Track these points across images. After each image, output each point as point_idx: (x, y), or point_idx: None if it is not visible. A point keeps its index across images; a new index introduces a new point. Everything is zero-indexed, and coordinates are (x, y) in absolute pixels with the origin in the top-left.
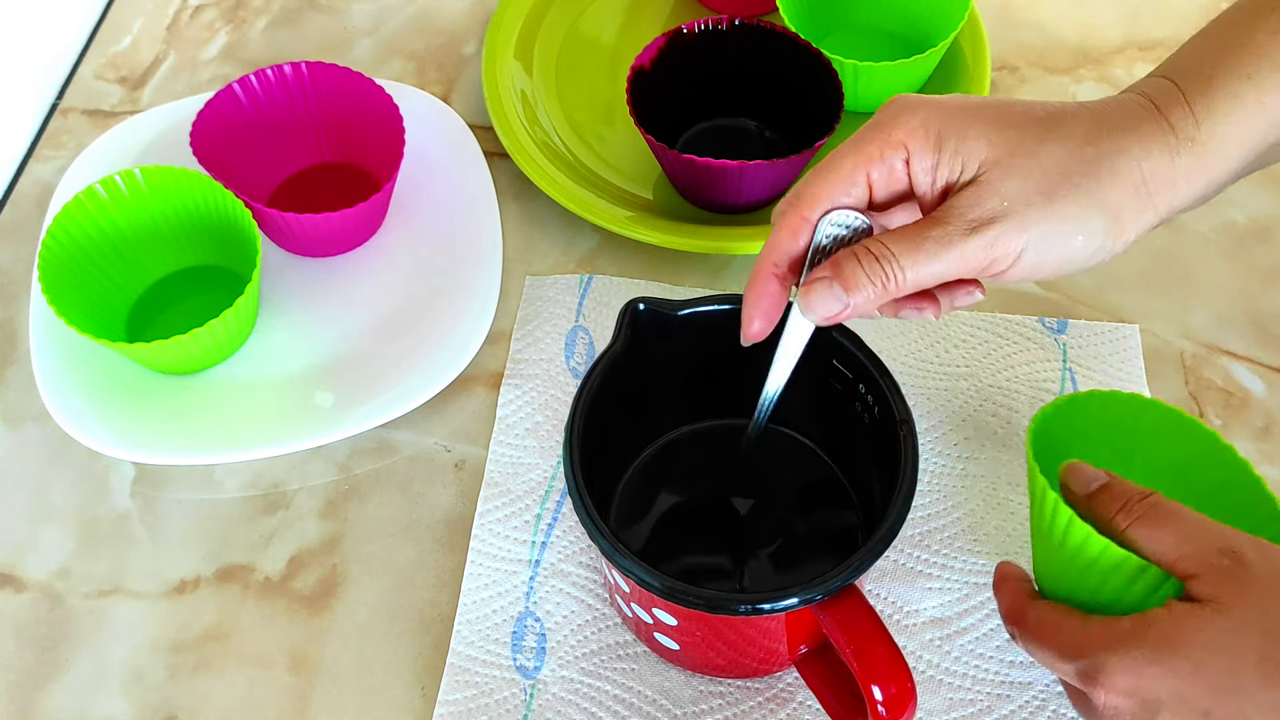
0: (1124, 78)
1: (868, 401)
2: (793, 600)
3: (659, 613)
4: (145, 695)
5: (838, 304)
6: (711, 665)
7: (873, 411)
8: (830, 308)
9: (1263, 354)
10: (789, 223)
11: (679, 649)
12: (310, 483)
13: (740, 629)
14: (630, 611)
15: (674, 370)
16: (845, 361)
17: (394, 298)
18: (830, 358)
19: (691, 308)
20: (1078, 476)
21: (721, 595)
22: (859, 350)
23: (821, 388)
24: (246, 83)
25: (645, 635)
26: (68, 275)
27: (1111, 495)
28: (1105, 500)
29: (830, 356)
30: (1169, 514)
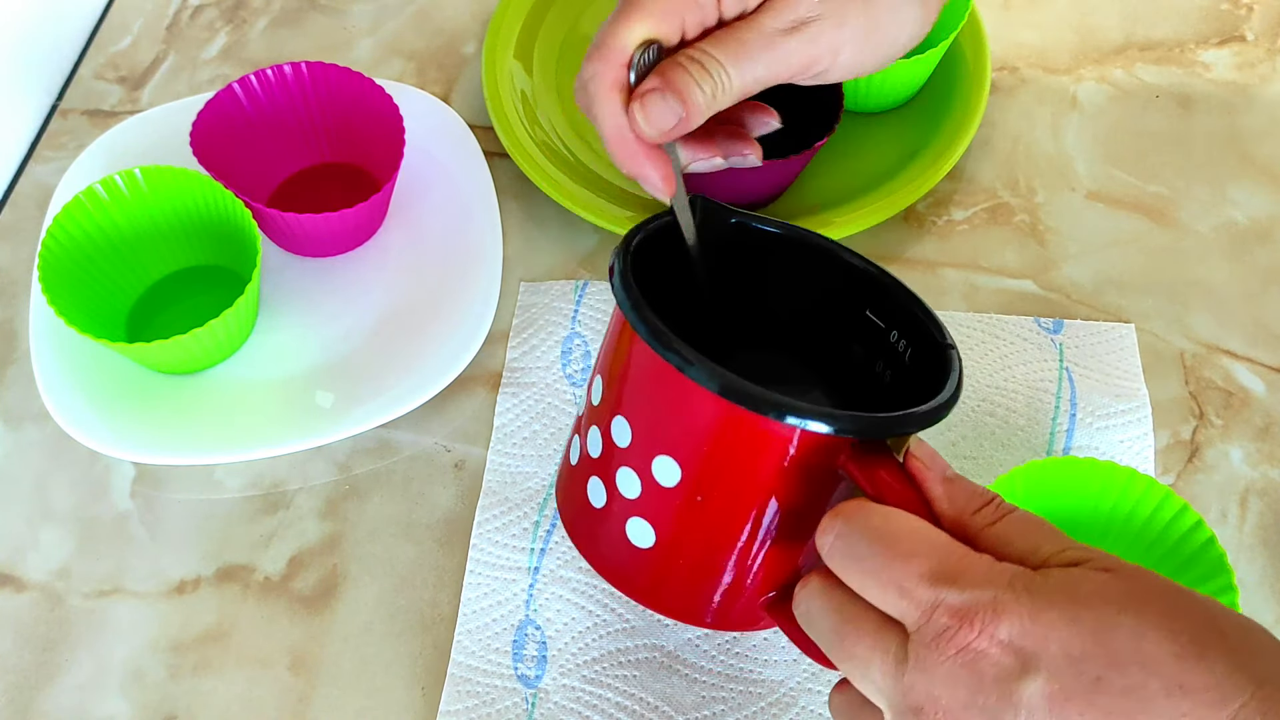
0: (1124, 78)
1: (898, 350)
2: (845, 423)
3: (661, 466)
4: (145, 695)
5: (673, 115)
6: (681, 575)
7: (903, 358)
8: (666, 120)
9: (1263, 354)
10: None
11: (652, 545)
12: (310, 483)
13: (747, 494)
14: (614, 485)
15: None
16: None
17: (394, 298)
18: (864, 307)
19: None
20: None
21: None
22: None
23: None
24: (246, 83)
25: (618, 524)
26: (68, 275)
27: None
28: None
29: (864, 306)
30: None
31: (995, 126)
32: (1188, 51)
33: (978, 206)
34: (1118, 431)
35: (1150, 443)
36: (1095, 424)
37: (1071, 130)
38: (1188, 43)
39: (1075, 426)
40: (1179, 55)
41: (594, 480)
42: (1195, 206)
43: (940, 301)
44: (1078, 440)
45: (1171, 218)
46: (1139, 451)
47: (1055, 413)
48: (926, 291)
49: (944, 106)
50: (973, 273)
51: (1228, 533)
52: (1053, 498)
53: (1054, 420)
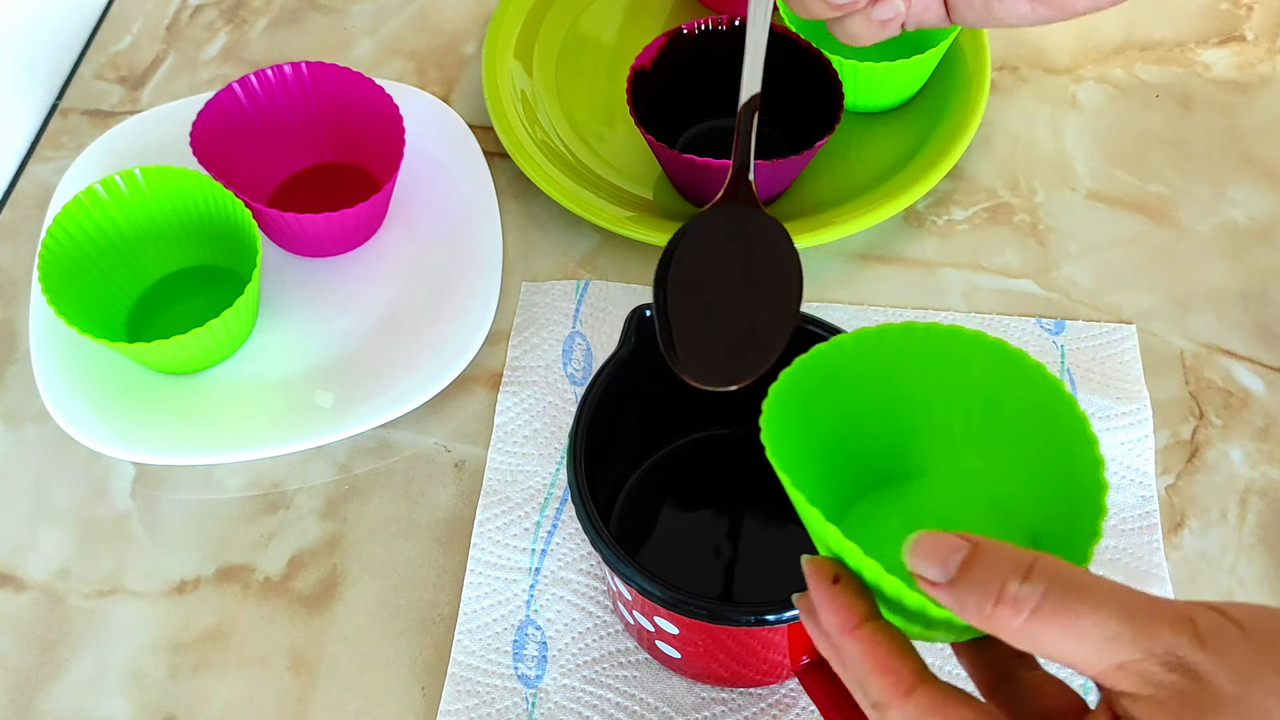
0: (1124, 78)
1: None
2: (795, 611)
3: (661, 621)
4: (145, 695)
5: None
6: (713, 674)
7: None
8: None
9: (1263, 354)
10: None
11: (680, 658)
12: (310, 483)
13: (742, 639)
14: (632, 619)
15: (679, 378)
16: None
17: (394, 298)
18: None
19: None
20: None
21: (724, 605)
22: None
23: None
24: (246, 83)
25: (647, 643)
26: (68, 275)
27: (983, 571)
28: (975, 581)
29: None
30: (1078, 594)
31: (995, 126)
32: (1188, 51)
33: (978, 206)
34: (1119, 433)
35: (1151, 444)
36: (1096, 425)
37: (1071, 130)
38: (1188, 43)
39: None
40: (1179, 55)
41: (621, 607)
42: (1195, 206)
43: (940, 301)
44: None
45: (1171, 218)
46: (1140, 453)
47: None
48: (926, 292)
49: (944, 106)
50: (973, 273)
51: (1228, 533)
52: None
53: None
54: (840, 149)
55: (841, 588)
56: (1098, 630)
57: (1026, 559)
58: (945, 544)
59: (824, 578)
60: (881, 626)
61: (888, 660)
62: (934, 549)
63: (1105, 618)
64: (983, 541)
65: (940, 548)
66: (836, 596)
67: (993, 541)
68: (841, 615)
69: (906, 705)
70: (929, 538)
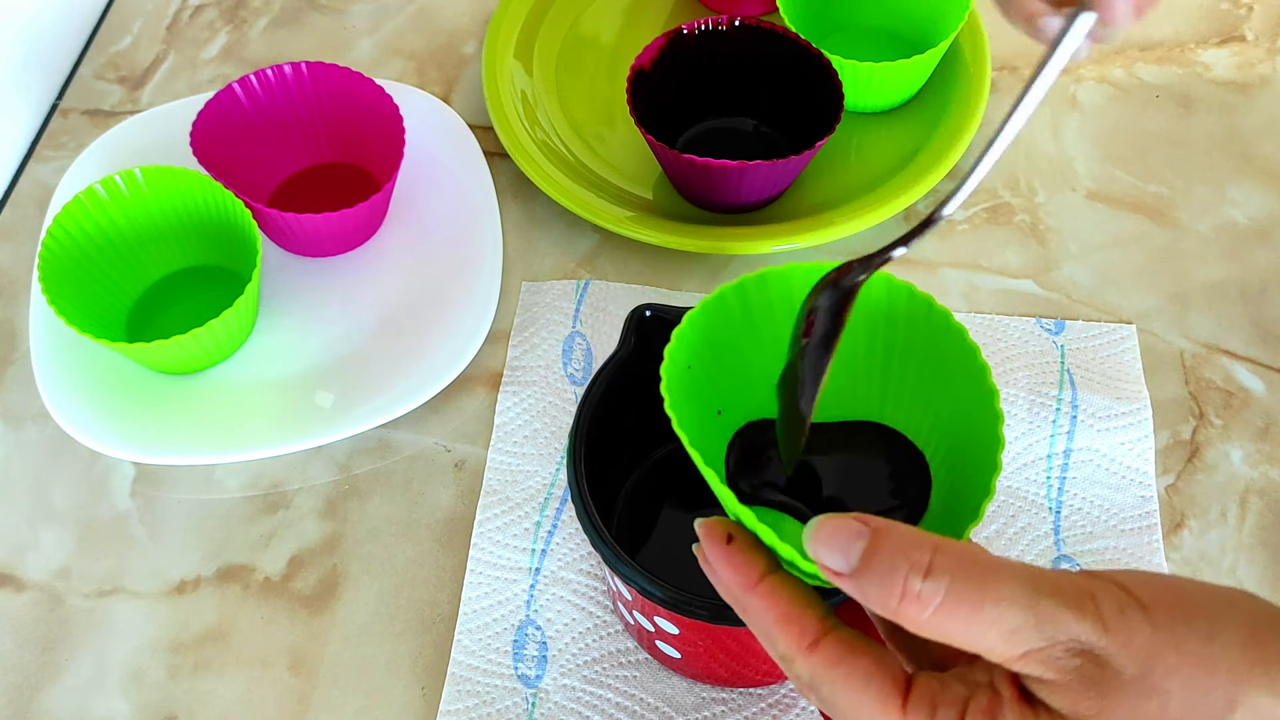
0: (1124, 78)
1: None
2: None
3: (661, 621)
4: (145, 695)
5: None
6: (713, 675)
7: None
8: None
9: (1263, 354)
10: None
11: (680, 658)
12: (310, 483)
13: (742, 639)
14: (632, 619)
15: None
16: None
17: (394, 298)
18: None
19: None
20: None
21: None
22: None
23: None
24: (246, 83)
25: (647, 643)
26: (68, 275)
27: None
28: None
29: None
30: (981, 586)
31: (995, 126)
32: (1188, 51)
33: (978, 206)
34: (1119, 434)
35: (1151, 444)
36: (1096, 425)
37: (1071, 130)
38: (1188, 43)
39: (1076, 428)
40: (1179, 55)
41: (621, 607)
42: (1195, 206)
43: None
44: (1078, 441)
45: (1171, 218)
46: (1140, 453)
47: (1056, 414)
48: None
49: (944, 106)
50: (973, 272)
51: (1228, 533)
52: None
53: (1055, 422)
54: (840, 149)
55: (737, 545)
56: (1002, 622)
57: (927, 547)
58: (844, 530)
59: (718, 537)
60: (781, 580)
61: (789, 612)
62: (833, 536)
63: (1008, 608)
64: (881, 527)
65: (839, 534)
66: (733, 555)
67: (891, 526)
68: (740, 573)
69: (812, 658)
70: (828, 524)
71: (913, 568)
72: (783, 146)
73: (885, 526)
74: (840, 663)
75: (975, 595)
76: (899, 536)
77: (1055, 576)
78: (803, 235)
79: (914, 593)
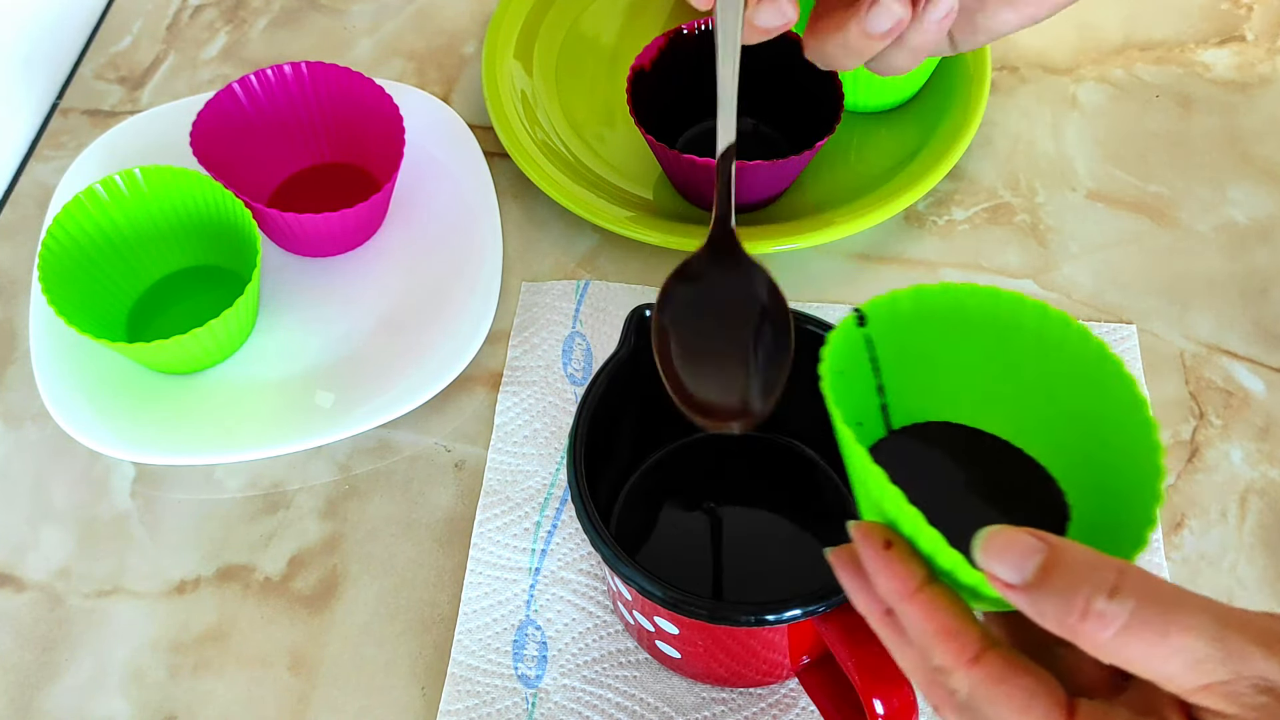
0: (1124, 78)
1: None
2: (795, 611)
3: (661, 621)
4: (145, 695)
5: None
6: (713, 675)
7: None
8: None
9: (1263, 354)
10: None
11: (680, 658)
12: (310, 483)
13: (742, 639)
14: (632, 619)
15: None
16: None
17: (394, 298)
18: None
19: None
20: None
21: (723, 605)
22: None
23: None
24: (246, 83)
25: (647, 643)
26: (68, 275)
27: (1065, 580)
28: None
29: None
30: (1166, 613)
31: (995, 126)
32: (1188, 51)
33: (978, 206)
34: None
35: None
36: None
37: (1072, 130)
38: (1188, 43)
39: None
40: (1179, 55)
41: (621, 607)
42: (1195, 206)
43: None
44: None
45: (1171, 218)
46: None
47: None
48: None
49: (944, 106)
50: (973, 273)
51: (1228, 533)
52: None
53: None
54: (840, 149)
55: (896, 553)
56: (1187, 651)
57: (1111, 569)
58: (1019, 544)
59: (876, 542)
60: (941, 591)
61: (950, 625)
62: (1007, 548)
63: (1195, 639)
64: (1059, 544)
65: (1014, 547)
66: (892, 561)
67: (1070, 545)
68: (899, 580)
69: (973, 671)
70: (1001, 536)
71: (1096, 587)
72: (783, 146)
73: (1063, 543)
74: (1004, 680)
75: (1161, 621)
76: (1081, 554)
77: (1240, 613)
78: (803, 235)
79: (1097, 611)
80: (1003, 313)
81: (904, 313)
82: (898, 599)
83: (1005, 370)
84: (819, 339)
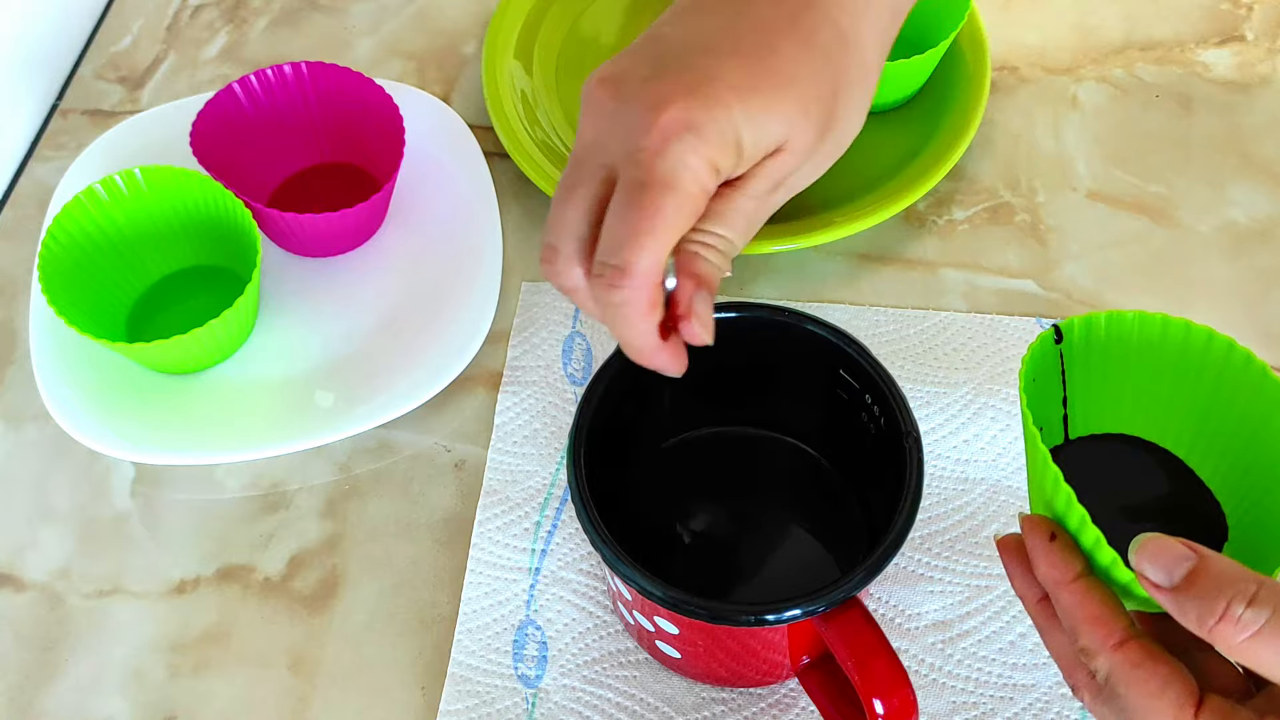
0: (1124, 78)
1: (874, 413)
2: (795, 611)
3: (661, 621)
4: (145, 695)
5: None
6: (713, 675)
7: (879, 423)
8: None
9: (1263, 354)
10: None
11: (680, 658)
12: (310, 483)
13: (742, 639)
14: (632, 619)
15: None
16: (852, 371)
17: (394, 298)
18: (837, 367)
19: None
20: (1156, 561)
21: (723, 605)
22: (865, 361)
23: (829, 396)
24: (246, 83)
25: (647, 643)
26: (68, 275)
27: (1209, 586)
28: (1200, 596)
29: (837, 366)
30: None
31: (995, 126)
32: (1188, 51)
33: (978, 206)
34: None
35: None
36: None
37: (1072, 130)
38: (1188, 43)
39: None
40: (1179, 55)
41: (621, 607)
42: (1195, 206)
43: (940, 301)
44: None
45: (1171, 218)
46: None
47: None
48: (927, 292)
49: (944, 106)
50: (973, 273)
51: None
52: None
53: None
54: None
55: (1059, 544)
56: None
57: (1253, 581)
58: (1171, 551)
59: (1043, 534)
60: (1095, 583)
61: (1101, 612)
62: (1160, 554)
63: None
64: (1208, 555)
65: (1166, 554)
66: (1054, 551)
67: (1218, 557)
68: (1058, 569)
69: (1116, 655)
70: (1155, 542)
71: (1238, 595)
72: None
73: (1212, 554)
74: (1141, 665)
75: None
76: (1226, 565)
77: None
78: (803, 235)
79: (1234, 616)
80: (1193, 345)
81: (1098, 333)
82: (1055, 585)
83: (1186, 395)
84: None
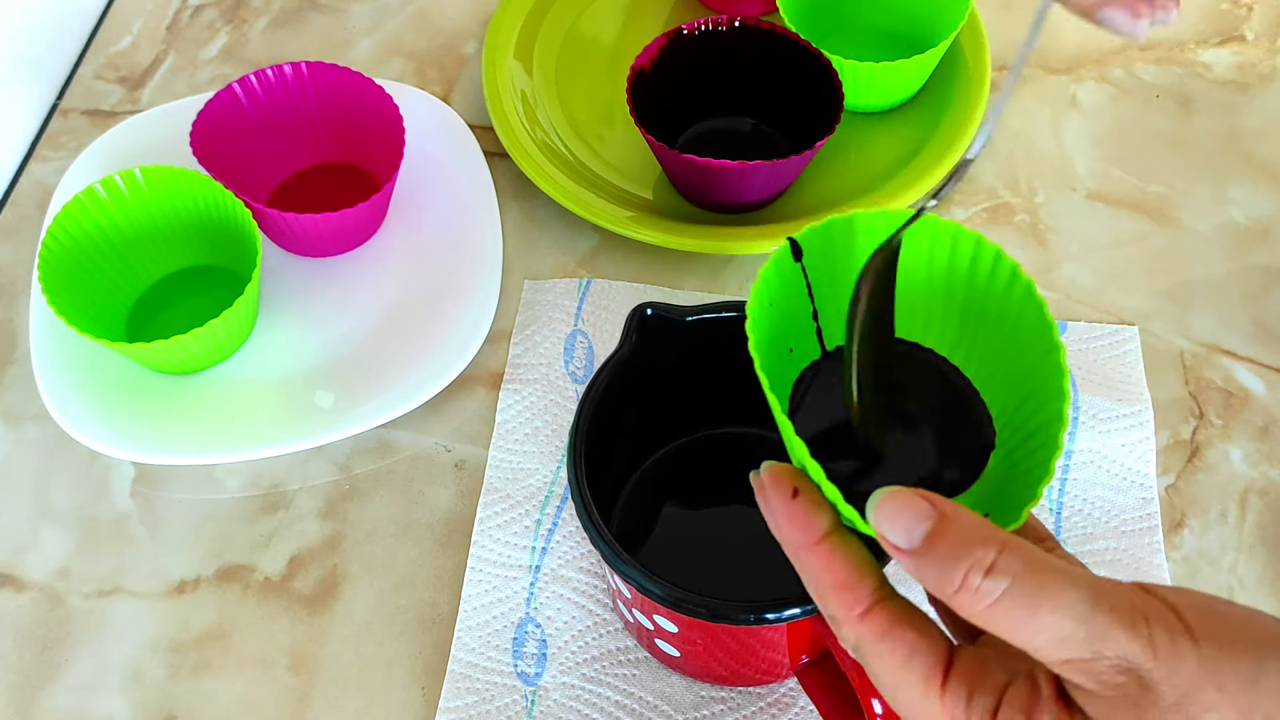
0: (1124, 78)
1: None
2: (794, 611)
3: (660, 619)
4: (145, 695)
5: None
6: (712, 673)
7: None
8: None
9: (1263, 354)
10: None
11: (680, 656)
12: (310, 483)
13: (741, 638)
14: (632, 617)
15: (680, 377)
16: None
17: (394, 298)
18: None
19: (699, 314)
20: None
21: (722, 603)
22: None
23: None
24: (246, 83)
25: (646, 641)
26: (68, 275)
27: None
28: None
29: None
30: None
31: (995, 126)
32: (1188, 51)
33: (979, 206)
34: (1120, 435)
35: (1152, 446)
36: (1098, 427)
37: (1072, 130)
38: (1188, 43)
39: (1077, 429)
40: (1179, 55)
41: (621, 605)
42: (1195, 206)
43: None
44: (1079, 443)
45: (1171, 218)
46: (1140, 455)
47: None
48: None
49: (944, 106)
50: None
51: (1228, 533)
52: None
53: None
54: (840, 149)
55: (801, 501)
56: (1052, 629)
57: (994, 545)
58: (909, 508)
59: (784, 490)
60: (840, 541)
61: (845, 579)
62: (899, 513)
63: (1062, 617)
64: (949, 512)
65: (904, 511)
66: (796, 510)
67: (958, 513)
68: (800, 530)
69: (861, 627)
70: (894, 499)
71: (976, 564)
72: (783, 146)
73: (952, 512)
74: (886, 635)
75: (1032, 600)
76: (966, 527)
77: (1115, 589)
78: None
79: (972, 586)
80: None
81: (838, 238)
82: (796, 548)
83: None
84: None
